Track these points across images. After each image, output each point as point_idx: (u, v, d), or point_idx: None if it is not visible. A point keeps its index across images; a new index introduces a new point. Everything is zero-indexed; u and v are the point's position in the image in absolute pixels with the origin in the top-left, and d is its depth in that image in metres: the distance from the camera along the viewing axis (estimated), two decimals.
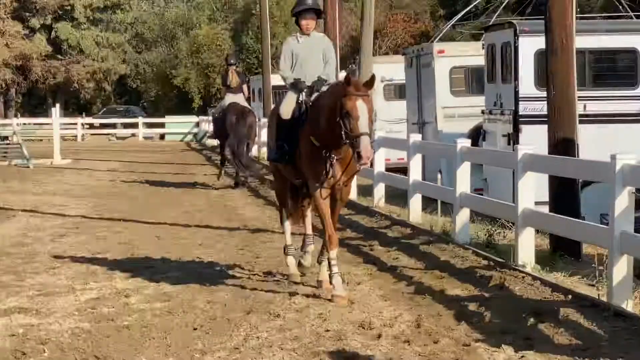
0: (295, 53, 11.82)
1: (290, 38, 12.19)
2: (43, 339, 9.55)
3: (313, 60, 11.77)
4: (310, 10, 11.90)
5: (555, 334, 9.41)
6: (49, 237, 16.97)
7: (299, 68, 11.76)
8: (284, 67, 11.93)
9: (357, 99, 10.21)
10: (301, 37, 11.89)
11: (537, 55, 18.39)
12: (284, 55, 11.94)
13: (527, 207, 12.93)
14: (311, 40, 11.89)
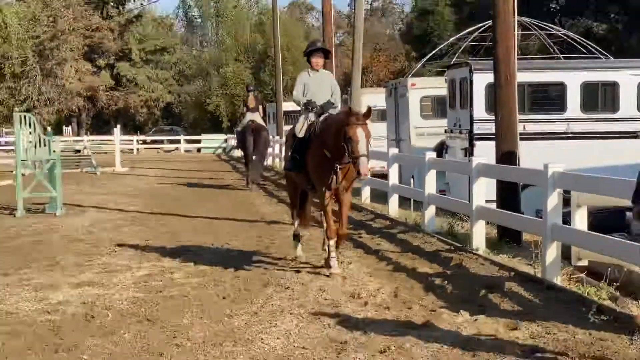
0: (307, 84, 11.70)
1: (303, 72, 11.99)
2: (107, 305, 9.56)
3: (322, 91, 11.65)
4: (320, 51, 11.90)
5: (501, 302, 9.40)
6: (111, 228, 16.98)
7: (310, 96, 11.62)
8: (297, 93, 11.76)
9: (358, 127, 10.23)
10: (312, 72, 11.78)
11: (487, 87, 18.39)
12: (297, 85, 11.79)
13: (479, 204, 12.93)
14: (320, 75, 11.81)
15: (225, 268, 11.97)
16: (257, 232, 16.03)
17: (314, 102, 11.47)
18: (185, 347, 7.74)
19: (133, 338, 8.09)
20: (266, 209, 20.58)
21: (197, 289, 10.46)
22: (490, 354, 7.21)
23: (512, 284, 10.18)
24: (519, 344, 7.53)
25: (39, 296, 10.14)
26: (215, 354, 7.41)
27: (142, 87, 74.85)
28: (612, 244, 9.38)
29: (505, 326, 8.27)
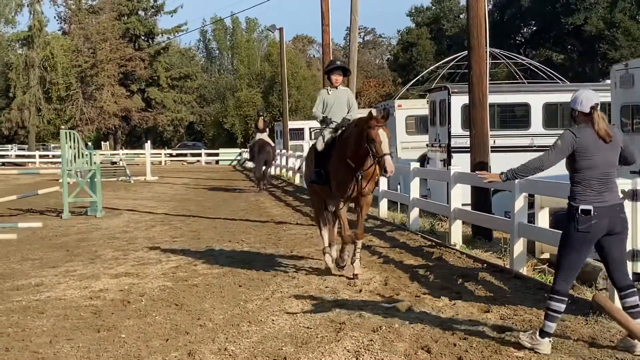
0: (325, 101, 10.82)
1: (323, 90, 11.13)
2: (141, 292, 9.58)
3: (340, 107, 10.76)
4: (339, 69, 10.98)
5: (476, 289, 9.42)
6: (144, 227, 16.99)
7: (328, 111, 10.76)
8: (316, 109, 10.90)
9: (379, 128, 9.44)
10: (331, 90, 10.86)
11: (463, 107, 18.42)
12: (317, 101, 10.95)
13: (457, 206, 12.96)
14: (338, 92, 10.86)
15: (241, 261, 11.98)
16: (267, 231, 16.05)
17: (330, 118, 10.67)
18: (208, 327, 7.76)
19: (163, 320, 8.12)
20: (275, 211, 20.59)
21: (217, 278, 10.48)
22: (467, 332, 7.23)
23: (485, 274, 10.20)
24: (491, 324, 7.56)
25: (82, 285, 10.17)
26: (233, 333, 7.43)
27: (169, 109, 74.91)
28: None
29: (479, 309, 8.30)
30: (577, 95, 6.59)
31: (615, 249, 6.49)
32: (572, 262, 6.47)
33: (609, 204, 6.37)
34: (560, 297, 6.48)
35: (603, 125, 6.40)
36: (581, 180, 6.40)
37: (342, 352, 6.65)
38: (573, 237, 6.39)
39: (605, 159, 6.39)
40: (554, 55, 63.24)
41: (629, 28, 57.69)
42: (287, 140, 42.08)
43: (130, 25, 73.69)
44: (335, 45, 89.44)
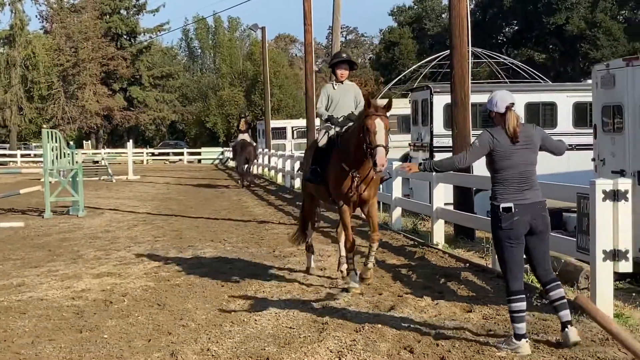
0: (331, 96, 9.97)
1: (328, 84, 10.26)
2: (123, 292, 9.55)
3: (346, 103, 9.90)
4: (345, 62, 10.08)
5: (458, 289, 9.44)
6: (126, 227, 16.92)
7: (333, 108, 9.91)
8: (321, 106, 10.01)
9: (376, 117, 8.55)
10: (336, 84, 10.02)
11: (445, 107, 18.45)
12: (321, 98, 10.04)
13: (439, 206, 12.99)
14: (344, 87, 10.00)
15: (223, 261, 11.96)
16: (249, 230, 16.02)
17: (336, 118, 9.75)
18: (190, 327, 7.73)
19: (146, 320, 8.08)
20: (258, 210, 20.56)
21: (200, 278, 10.44)
22: (450, 332, 7.25)
23: (467, 273, 10.23)
24: (474, 324, 7.58)
25: (64, 285, 10.11)
26: (216, 333, 7.41)
27: (151, 108, 74.60)
28: (552, 239, 9.41)
29: (462, 309, 8.32)
30: (492, 96, 6.78)
31: (538, 248, 6.69)
32: (511, 260, 6.57)
33: (530, 201, 6.53)
34: (517, 297, 6.57)
35: (513, 125, 6.56)
36: (501, 180, 6.58)
37: (324, 352, 6.65)
38: (500, 235, 6.58)
39: (522, 158, 6.55)
40: (535, 54, 63.55)
41: (610, 28, 58.10)
42: (270, 139, 42.10)
43: (112, 24, 73.31)
44: (317, 44, 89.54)
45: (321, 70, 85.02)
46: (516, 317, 6.57)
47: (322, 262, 11.48)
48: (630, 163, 11.24)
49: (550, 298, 6.70)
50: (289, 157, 29.69)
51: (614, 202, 7.54)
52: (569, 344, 6.60)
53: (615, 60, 12.78)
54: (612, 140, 11.83)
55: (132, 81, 74.75)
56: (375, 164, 8.41)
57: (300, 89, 67.03)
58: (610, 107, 11.94)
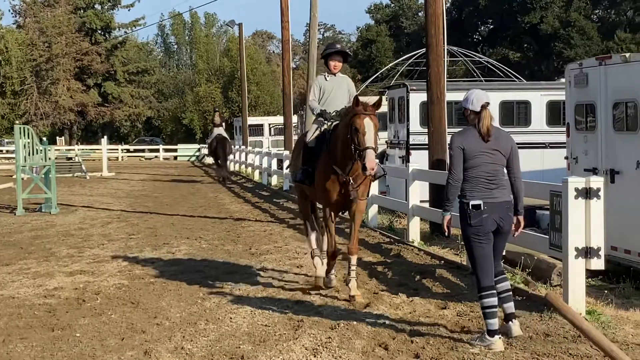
0: (323, 88, 9.47)
1: (320, 76, 9.71)
2: (96, 290, 9.50)
3: (339, 95, 9.40)
4: (339, 53, 9.54)
5: (433, 286, 9.50)
6: (99, 224, 16.82)
7: (325, 100, 9.42)
8: (313, 99, 9.51)
9: (365, 117, 8.19)
10: (328, 76, 9.51)
11: (421, 105, 18.49)
12: (313, 90, 9.56)
13: (415, 203, 13.03)
14: (337, 79, 9.50)
15: (199, 258, 11.93)
16: (226, 227, 15.98)
17: (329, 113, 9.23)
18: (165, 325, 7.71)
19: (119, 318, 8.05)
20: (234, 207, 20.51)
21: (174, 276, 10.40)
22: (424, 329, 7.29)
23: (442, 270, 10.29)
24: (448, 321, 7.62)
25: (36, 283, 10.04)
26: (191, 332, 7.40)
27: (126, 104, 74.13)
28: (525, 237, 9.50)
29: (437, 306, 8.36)
30: (469, 95, 6.89)
31: (498, 245, 6.87)
32: (481, 256, 6.70)
33: (498, 200, 6.67)
34: (489, 292, 6.68)
35: (487, 123, 6.68)
36: (470, 178, 6.68)
37: (300, 350, 6.66)
38: (469, 232, 6.72)
39: (491, 158, 6.68)
40: (510, 53, 63.93)
41: (584, 27, 58.56)
42: (247, 136, 41.99)
43: (87, 19, 72.73)
44: (295, 41, 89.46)
45: (298, 67, 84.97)
46: (488, 312, 6.65)
47: (298, 260, 11.49)
48: (602, 161, 11.35)
49: (497, 289, 6.85)
50: (266, 155, 29.65)
51: (586, 199, 7.61)
52: (510, 336, 6.80)
53: (589, 59, 12.89)
54: (585, 138, 11.93)
55: (107, 77, 74.23)
56: (364, 167, 8.07)
57: (277, 86, 66.89)
58: (583, 105, 12.04)
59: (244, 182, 31.60)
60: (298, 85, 66.48)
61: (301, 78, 66.79)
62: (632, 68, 10.77)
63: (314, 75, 26.16)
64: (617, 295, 9.37)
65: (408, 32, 72.17)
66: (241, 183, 30.91)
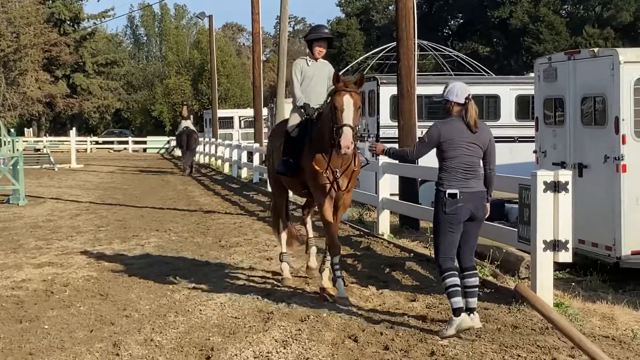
0: (304, 73, 9.05)
1: (300, 60, 9.26)
2: (65, 282, 9.41)
3: (320, 81, 8.98)
4: (325, 39, 9.10)
5: (402, 278, 9.53)
6: (68, 216, 16.67)
7: (306, 86, 9.01)
8: (297, 86, 9.01)
9: (345, 94, 7.80)
10: (310, 61, 9.09)
11: (391, 98, 18.54)
12: (295, 74, 9.08)
13: (384, 196, 13.07)
14: (319, 65, 9.05)
15: (168, 250, 11.86)
16: (195, 220, 15.91)
17: (311, 107, 8.76)
18: (134, 317, 7.66)
19: (88, 310, 7.99)
20: (204, 200, 20.44)
21: (144, 268, 10.34)
22: (394, 321, 7.31)
23: (412, 263, 10.33)
24: (417, 313, 7.66)
25: (4, 275, 9.93)
26: (160, 324, 7.36)
27: (95, 95, 73.41)
28: (494, 230, 9.59)
29: (406, 298, 8.40)
30: (452, 87, 7.06)
31: (472, 234, 7.07)
32: (447, 242, 6.93)
33: (474, 190, 6.89)
34: (450, 273, 6.88)
35: (474, 115, 6.93)
36: (448, 168, 6.89)
37: (270, 342, 6.65)
38: (442, 219, 6.91)
39: (469, 149, 6.89)
40: (480, 47, 64.29)
41: (553, 22, 59.07)
42: (217, 128, 41.82)
43: (55, 10, 71.89)
44: (265, 33, 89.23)
45: (269, 60, 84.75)
46: (451, 291, 6.85)
47: (267, 252, 11.47)
48: (570, 155, 11.47)
49: (466, 284, 7.01)
50: (236, 147, 29.56)
51: (554, 193, 7.68)
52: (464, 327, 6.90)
53: (558, 54, 13.01)
54: (554, 132, 12.04)
55: (76, 68, 73.46)
56: (339, 145, 7.66)
57: (247, 79, 66.68)
58: (552, 100, 12.15)
59: (213, 174, 31.49)
60: (268, 78, 66.36)
61: (271, 71, 66.65)
62: (600, 63, 10.88)
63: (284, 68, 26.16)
64: (584, 288, 9.50)
65: (378, 26, 72.28)
66: (211, 175, 30.80)
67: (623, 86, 10.41)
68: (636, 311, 8.22)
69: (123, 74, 78.94)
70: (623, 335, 6.96)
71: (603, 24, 59.31)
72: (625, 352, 6.40)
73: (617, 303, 8.48)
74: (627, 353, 6.38)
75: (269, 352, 6.38)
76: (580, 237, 10.64)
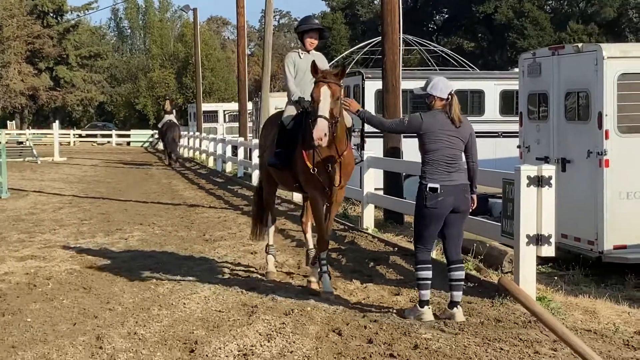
0: (297, 66, 8.89)
1: (292, 53, 9.11)
2: (47, 275, 9.37)
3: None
4: (316, 31, 8.97)
5: (387, 272, 9.56)
6: (51, 209, 16.59)
7: (299, 80, 8.86)
8: (290, 80, 8.86)
9: (322, 85, 7.60)
10: (302, 53, 8.95)
11: (376, 93, 18.52)
12: (288, 68, 8.91)
13: (369, 191, 13.08)
14: (311, 57, 8.63)
15: (152, 244, 11.84)
16: (179, 213, 15.88)
17: (307, 101, 8.38)
18: (117, 311, 7.64)
19: (71, 303, 7.96)
20: (188, 194, 20.39)
21: (127, 261, 10.32)
22: (378, 315, 7.34)
23: (396, 257, 10.36)
24: (401, 307, 7.68)
25: None
26: (144, 317, 7.34)
27: (78, 88, 72.97)
28: (478, 224, 9.63)
29: (390, 292, 8.43)
30: (436, 82, 7.24)
31: (455, 226, 7.18)
32: (426, 235, 7.17)
33: (455, 183, 7.03)
34: (424, 266, 7.12)
35: (457, 111, 7.09)
36: (430, 161, 7.05)
37: (254, 335, 6.65)
38: (423, 212, 7.10)
39: (450, 142, 7.04)
40: (464, 43, 64.46)
41: (537, 18, 59.29)
42: (201, 122, 41.74)
43: (39, 2, 71.32)
44: (250, 27, 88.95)
45: (254, 54, 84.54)
46: (422, 284, 7.10)
47: (252, 246, 11.46)
48: (554, 150, 11.53)
49: (451, 277, 7.19)
50: (221, 141, 29.50)
51: (538, 187, 7.73)
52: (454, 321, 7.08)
53: (542, 49, 13.06)
54: (537, 127, 12.10)
55: (59, 61, 73.00)
56: (311, 136, 7.43)
57: (232, 73, 66.38)
58: (536, 95, 12.20)
59: (198, 168, 31.42)
60: (253, 72, 66.17)
61: (256, 65, 66.40)
62: (584, 58, 10.94)
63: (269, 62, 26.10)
64: (566, 282, 9.55)
65: (364, 20, 72.27)
66: (195, 169, 30.73)
67: (606, 81, 10.46)
68: (618, 305, 8.28)
69: (107, 67, 78.51)
70: (605, 329, 7.02)
71: (587, 20, 59.61)
72: (607, 346, 6.45)
73: (599, 297, 8.54)
74: (609, 346, 6.43)
75: (252, 345, 6.38)
76: (563, 231, 10.71)
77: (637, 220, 10.38)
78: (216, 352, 6.23)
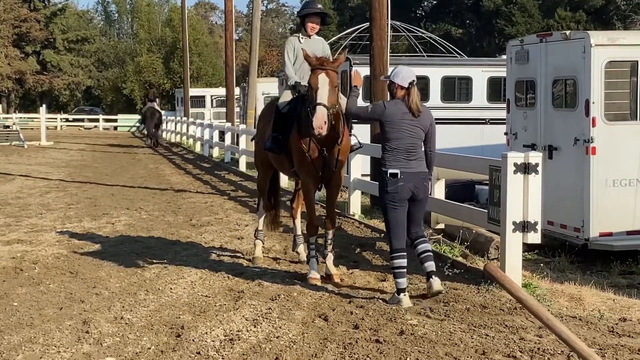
0: (297, 51, 8.71)
1: (293, 37, 8.99)
2: (34, 260, 9.34)
3: None
4: (317, 15, 8.84)
5: (373, 258, 9.58)
6: (38, 193, 16.51)
7: (299, 65, 8.72)
8: (288, 65, 8.79)
9: (321, 72, 7.56)
10: (303, 38, 8.81)
11: (364, 79, 18.49)
12: (287, 53, 8.81)
13: (356, 177, 13.10)
14: (312, 42, 8.73)
15: (139, 229, 11.81)
16: (166, 199, 15.84)
17: (303, 86, 8.36)
18: (104, 295, 7.63)
19: (57, 288, 7.93)
20: (175, 179, 20.35)
21: (114, 246, 10.29)
22: (364, 300, 7.35)
23: (382, 243, 10.37)
24: (387, 292, 7.70)
25: None
26: (130, 302, 7.33)
27: (65, 72, 72.53)
28: (464, 211, 9.64)
29: (376, 278, 8.44)
30: (399, 70, 7.36)
31: (416, 213, 7.38)
32: (394, 221, 7.24)
33: (414, 170, 7.20)
34: (399, 254, 7.22)
35: (416, 100, 7.20)
36: (390, 149, 7.20)
37: (240, 320, 6.66)
38: (385, 198, 7.23)
39: (411, 132, 7.19)
40: (452, 29, 64.38)
41: (526, 5, 59.21)
42: (188, 107, 41.60)
43: None
44: (238, 12, 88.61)
45: (241, 39, 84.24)
46: (397, 272, 7.19)
47: (238, 232, 11.46)
48: (541, 137, 11.54)
49: (418, 251, 7.38)
50: (208, 126, 29.42)
51: (524, 174, 7.74)
52: (432, 291, 7.26)
53: (530, 36, 13.05)
54: (525, 115, 12.10)
55: (46, 44, 72.49)
56: (311, 125, 7.38)
57: (219, 58, 66.23)
58: (524, 82, 12.20)
59: (185, 153, 31.34)
60: (241, 57, 65.96)
61: (244, 50, 66.24)
62: (572, 46, 10.93)
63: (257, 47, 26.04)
64: (552, 269, 9.59)
65: (352, 6, 72.01)
66: (182, 155, 30.64)
67: (594, 69, 10.46)
68: (603, 292, 8.33)
69: (94, 51, 78.00)
70: (590, 316, 7.06)
71: (575, 7, 59.59)
72: (592, 333, 6.49)
73: (584, 284, 8.58)
74: (594, 333, 6.47)
75: (239, 330, 6.38)
76: (550, 218, 10.74)
77: (622, 208, 10.42)
78: (202, 337, 6.23)
